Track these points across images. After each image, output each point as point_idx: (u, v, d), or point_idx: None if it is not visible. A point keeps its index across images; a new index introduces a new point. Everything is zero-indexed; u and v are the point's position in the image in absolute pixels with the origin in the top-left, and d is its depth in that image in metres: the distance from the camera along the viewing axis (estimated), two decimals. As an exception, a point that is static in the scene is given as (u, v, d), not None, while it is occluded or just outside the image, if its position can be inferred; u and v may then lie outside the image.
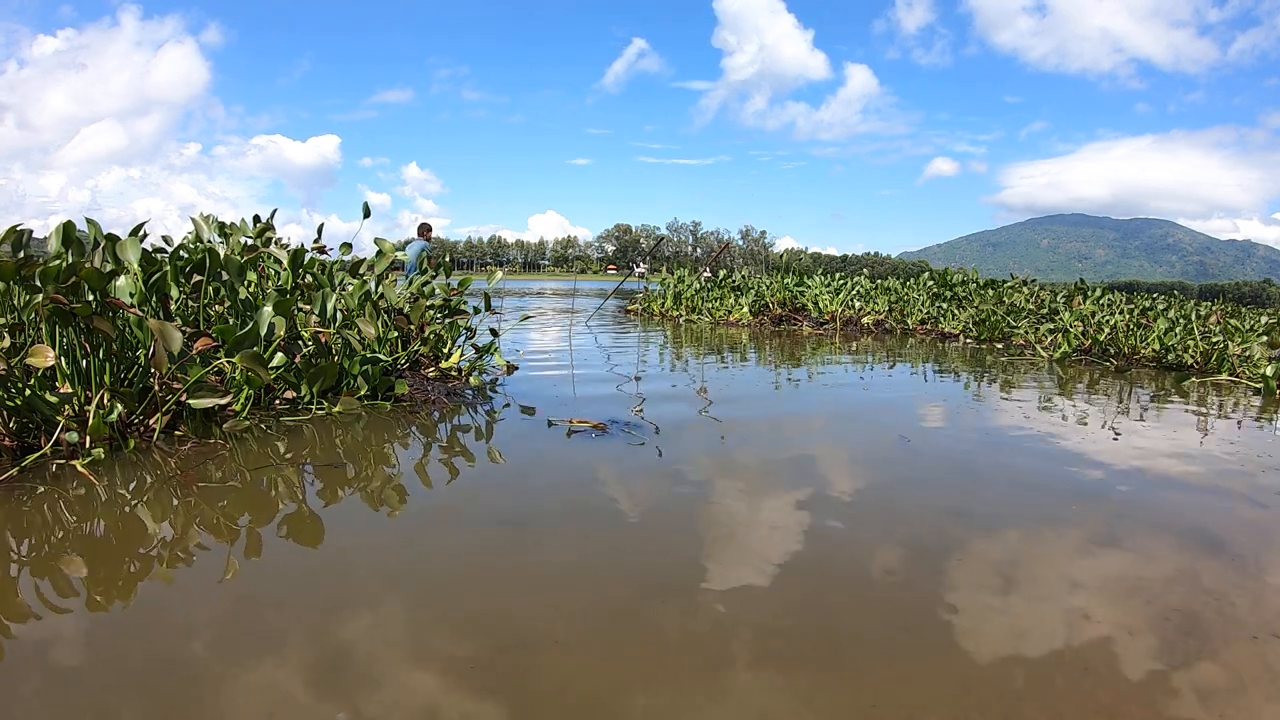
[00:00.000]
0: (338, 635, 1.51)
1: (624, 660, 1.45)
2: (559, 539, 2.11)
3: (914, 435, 3.52)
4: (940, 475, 2.86)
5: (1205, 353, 6.32)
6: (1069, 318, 7.89)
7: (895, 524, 2.29)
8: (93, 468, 2.48)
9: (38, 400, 2.52)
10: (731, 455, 3.13)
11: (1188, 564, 2.00)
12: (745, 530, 2.20)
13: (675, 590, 1.77)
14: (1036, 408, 4.44)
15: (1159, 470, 3.00)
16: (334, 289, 3.94)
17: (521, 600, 1.69)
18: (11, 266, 2.57)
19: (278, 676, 1.37)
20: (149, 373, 2.88)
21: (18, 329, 2.87)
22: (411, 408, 3.71)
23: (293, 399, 3.49)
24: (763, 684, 1.38)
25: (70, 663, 1.41)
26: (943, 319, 9.78)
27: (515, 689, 1.34)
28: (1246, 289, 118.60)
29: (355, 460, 2.83)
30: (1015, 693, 1.36)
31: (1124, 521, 2.37)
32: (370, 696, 1.31)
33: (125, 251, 3.20)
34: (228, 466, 2.63)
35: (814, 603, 1.73)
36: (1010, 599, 1.77)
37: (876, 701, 1.33)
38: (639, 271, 12.09)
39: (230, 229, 4.37)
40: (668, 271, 15.40)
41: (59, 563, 1.84)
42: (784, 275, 12.30)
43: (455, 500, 2.46)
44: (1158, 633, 1.59)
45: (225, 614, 1.60)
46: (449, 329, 4.63)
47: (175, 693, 1.30)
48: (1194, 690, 1.38)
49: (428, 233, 8.49)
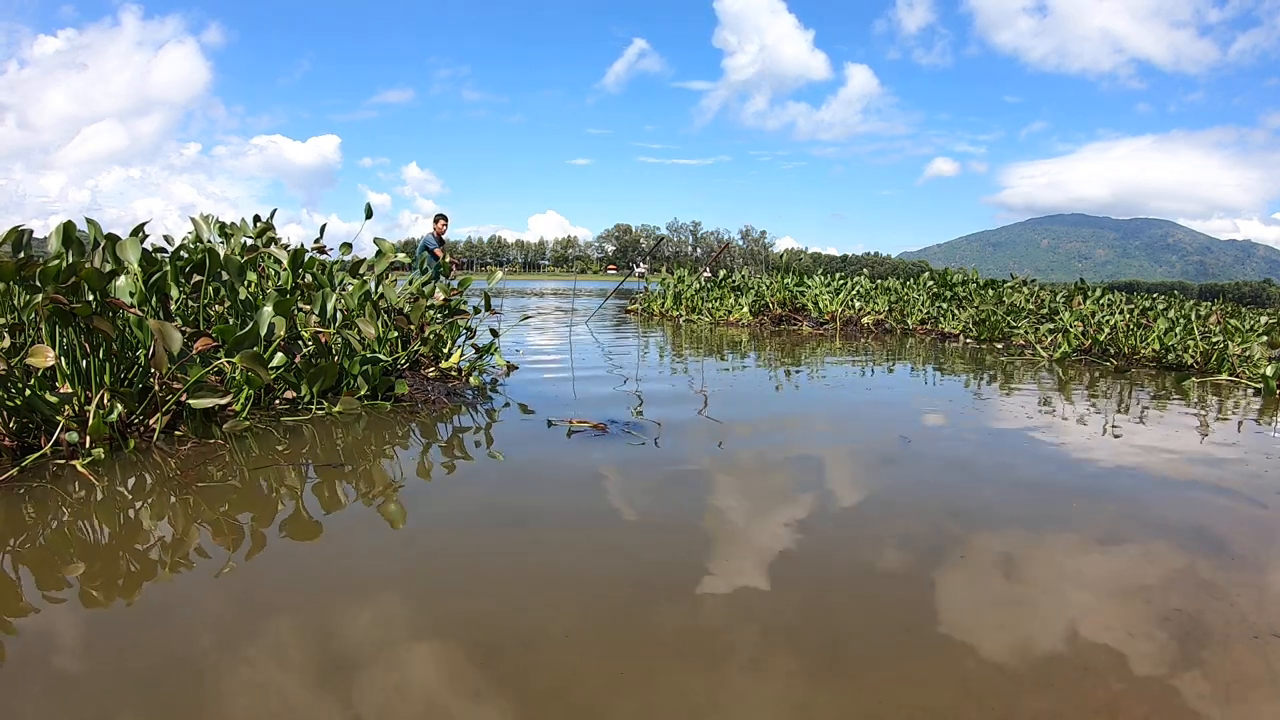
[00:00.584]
0: (337, 635, 1.51)
1: (624, 660, 1.45)
2: (559, 539, 2.11)
3: (915, 435, 3.52)
4: (940, 475, 2.86)
5: (1205, 353, 6.32)
6: (1069, 318, 7.89)
7: (896, 523, 2.29)
8: (93, 468, 2.48)
9: (38, 400, 2.52)
10: (731, 455, 3.13)
11: (1188, 563, 2.00)
12: (745, 530, 2.20)
13: (675, 590, 1.77)
14: (1037, 408, 4.43)
15: (1159, 470, 3.00)
16: (334, 289, 3.94)
17: (521, 600, 1.69)
18: (11, 266, 2.57)
19: (277, 676, 1.37)
20: (149, 373, 2.88)
21: (18, 329, 2.87)
22: (411, 408, 3.71)
23: (293, 399, 3.49)
24: (763, 683, 1.38)
25: (70, 663, 1.41)
26: (943, 319, 9.78)
27: (515, 688, 1.34)
28: (1246, 289, 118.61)
29: (355, 460, 2.83)
30: (1015, 692, 1.36)
31: (1124, 521, 2.37)
32: (370, 696, 1.31)
33: (125, 251, 3.20)
34: (228, 466, 2.63)
35: (814, 602, 1.73)
36: (1010, 598, 1.77)
37: (877, 701, 1.33)
38: (639, 271, 12.09)
39: (230, 229, 4.37)
40: (667, 271, 15.39)
41: (59, 562, 1.84)
42: (784, 275, 12.30)
43: (455, 500, 2.46)
44: (1158, 632, 1.59)
45: (224, 614, 1.60)
46: (449, 329, 4.63)
47: (175, 693, 1.30)
48: (1194, 690, 1.38)
49: (437, 223, 7.90)
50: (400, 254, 4.61)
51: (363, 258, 4.46)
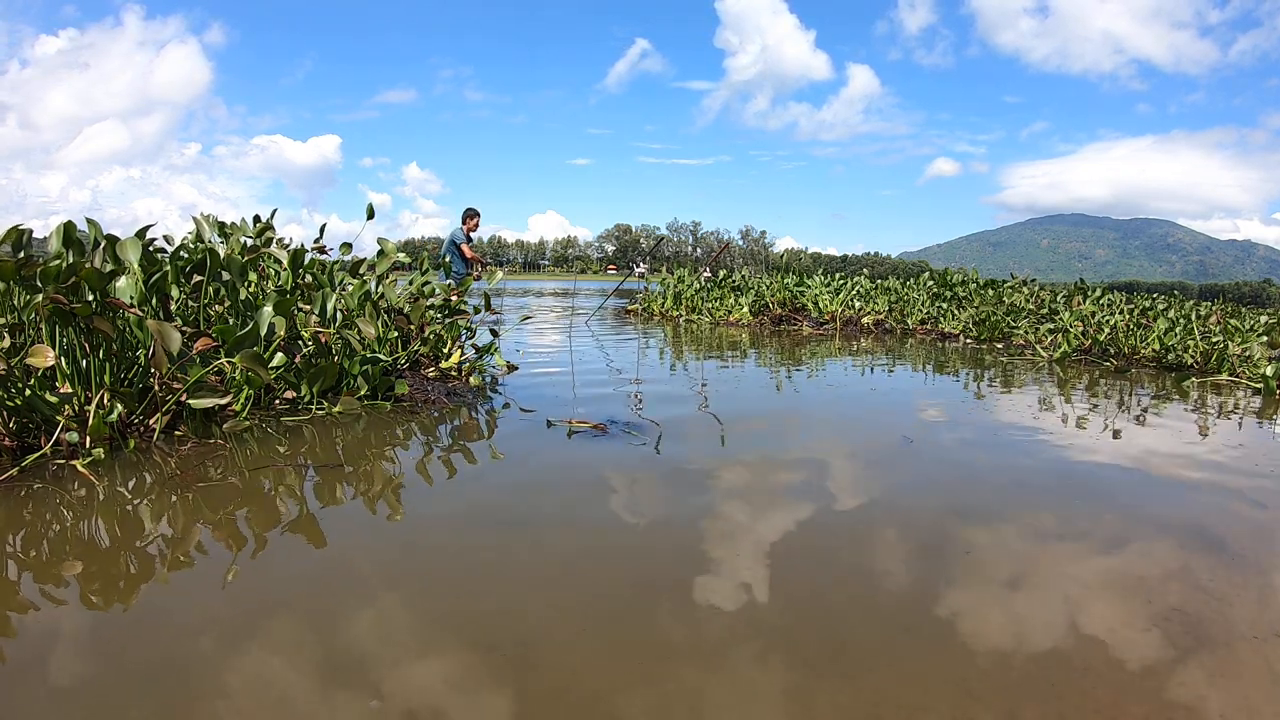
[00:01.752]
0: (337, 635, 1.51)
1: (625, 659, 1.45)
2: (559, 538, 2.10)
3: (916, 435, 3.52)
4: (940, 474, 2.86)
5: (1205, 353, 6.31)
6: (1069, 318, 7.89)
7: (897, 523, 2.29)
8: (93, 468, 2.48)
9: (38, 400, 2.52)
10: (732, 455, 3.13)
11: (1189, 563, 2.00)
12: (746, 530, 2.20)
13: (676, 590, 1.77)
14: (1037, 407, 4.43)
15: (1159, 470, 3.00)
16: (334, 289, 3.94)
17: (522, 599, 1.69)
18: (12, 266, 2.56)
19: (276, 676, 1.37)
20: (149, 373, 2.88)
21: (18, 329, 2.87)
22: (411, 408, 3.71)
23: (293, 399, 3.49)
24: (764, 683, 1.38)
25: (69, 663, 1.41)
26: (943, 319, 9.77)
27: (515, 688, 1.34)
28: (1246, 289, 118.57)
29: (355, 460, 2.83)
30: (1016, 692, 1.36)
31: (1125, 521, 2.37)
32: (370, 696, 1.30)
33: (125, 252, 3.20)
34: (228, 466, 2.62)
35: (815, 602, 1.73)
36: (1010, 598, 1.77)
37: (878, 701, 1.33)
38: (639, 271, 12.08)
39: (231, 229, 4.37)
40: (667, 271, 15.39)
41: (59, 562, 1.84)
42: (784, 275, 12.28)
43: (455, 500, 2.46)
44: (1158, 632, 1.59)
45: (224, 614, 1.60)
46: (449, 329, 4.63)
47: (175, 693, 1.30)
48: (1194, 690, 1.38)
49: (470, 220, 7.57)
50: (401, 254, 4.61)
51: (363, 258, 4.46)
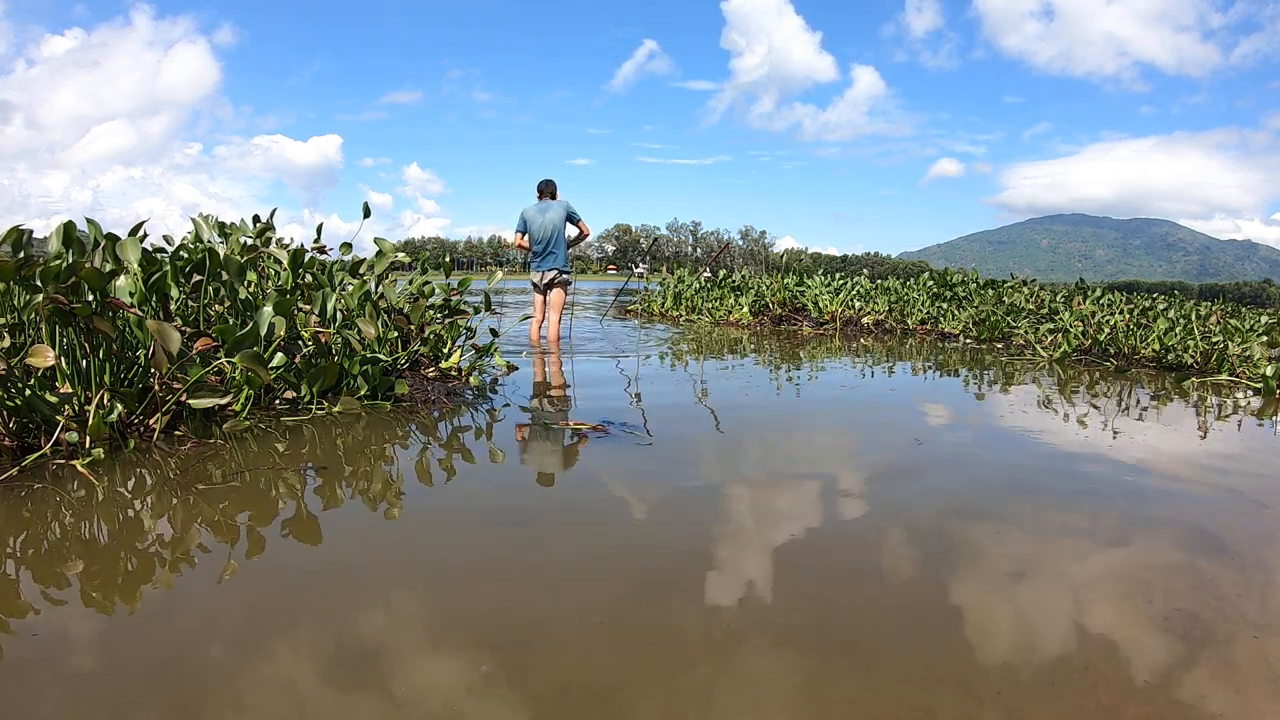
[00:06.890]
0: (337, 635, 1.51)
1: (627, 659, 1.45)
2: (560, 538, 2.10)
3: (915, 434, 3.52)
4: (941, 474, 2.86)
5: (1205, 353, 6.31)
6: (1069, 318, 7.88)
7: (898, 524, 2.29)
8: (93, 468, 2.47)
9: (38, 400, 2.52)
10: (734, 455, 3.13)
11: (1189, 563, 2.00)
12: (749, 530, 2.20)
13: (678, 590, 1.76)
14: (1038, 408, 4.43)
15: (1160, 470, 3.00)
16: (334, 289, 3.94)
17: (522, 598, 1.69)
18: (12, 266, 2.56)
19: (276, 676, 1.37)
20: (149, 373, 2.88)
21: (18, 329, 2.87)
22: (411, 408, 3.71)
23: (293, 399, 3.49)
24: (766, 683, 1.38)
25: (69, 663, 1.41)
26: (943, 319, 9.77)
27: (516, 688, 1.34)
28: (1247, 289, 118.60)
29: (355, 460, 2.82)
30: (1016, 692, 1.36)
31: (1126, 521, 2.37)
32: (369, 695, 1.30)
33: (125, 251, 3.20)
34: (228, 467, 2.62)
35: (818, 603, 1.73)
36: (1012, 598, 1.77)
37: (878, 701, 1.33)
38: (638, 271, 12.07)
39: (230, 229, 4.37)
40: (667, 271, 15.38)
41: (59, 562, 1.84)
42: (784, 275, 12.27)
43: (456, 499, 2.46)
44: (1159, 632, 1.59)
45: (224, 614, 1.60)
46: (449, 329, 4.63)
47: (175, 693, 1.30)
48: (1195, 689, 1.38)
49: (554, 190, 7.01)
50: (401, 254, 4.61)
51: (363, 257, 4.46)
